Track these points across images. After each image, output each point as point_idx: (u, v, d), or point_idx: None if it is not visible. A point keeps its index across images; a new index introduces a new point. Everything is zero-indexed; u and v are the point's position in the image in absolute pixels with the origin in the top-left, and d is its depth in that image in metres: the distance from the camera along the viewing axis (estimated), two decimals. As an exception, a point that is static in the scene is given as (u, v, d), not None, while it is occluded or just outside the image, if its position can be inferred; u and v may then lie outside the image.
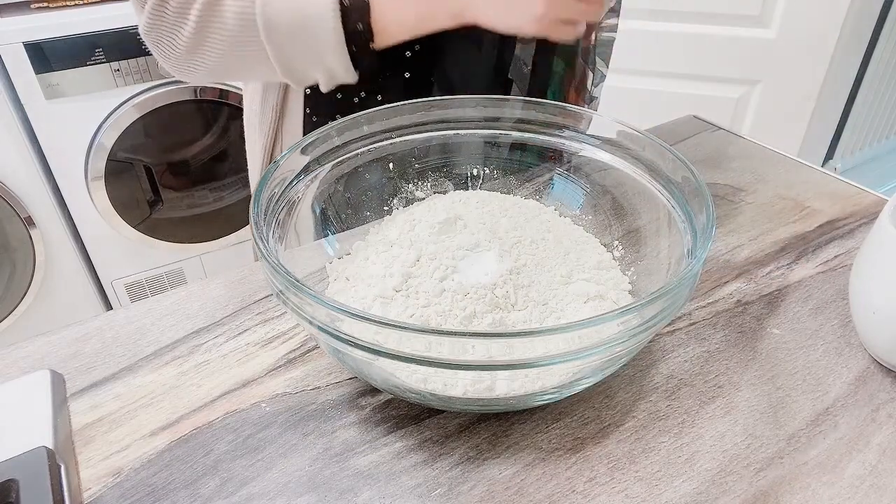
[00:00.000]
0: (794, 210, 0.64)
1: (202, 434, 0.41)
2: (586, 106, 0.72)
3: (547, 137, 0.55)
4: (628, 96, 1.63)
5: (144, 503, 0.37)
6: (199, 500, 0.37)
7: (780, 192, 0.67)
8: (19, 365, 0.47)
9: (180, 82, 1.45)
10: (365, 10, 0.54)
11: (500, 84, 0.69)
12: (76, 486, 0.38)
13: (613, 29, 0.72)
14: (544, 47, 0.67)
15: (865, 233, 0.56)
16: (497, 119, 0.55)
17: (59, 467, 0.37)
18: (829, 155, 1.87)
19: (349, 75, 0.57)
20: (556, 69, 0.71)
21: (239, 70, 0.60)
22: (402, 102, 0.53)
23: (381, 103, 0.67)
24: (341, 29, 0.53)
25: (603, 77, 0.73)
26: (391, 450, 0.40)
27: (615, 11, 0.71)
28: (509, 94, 0.69)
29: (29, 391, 0.43)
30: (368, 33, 0.55)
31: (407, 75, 0.66)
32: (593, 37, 0.70)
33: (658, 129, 0.80)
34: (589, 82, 0.73)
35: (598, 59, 0.72)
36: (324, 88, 0.60)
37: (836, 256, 0.57)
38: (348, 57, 0.55)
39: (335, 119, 0.68)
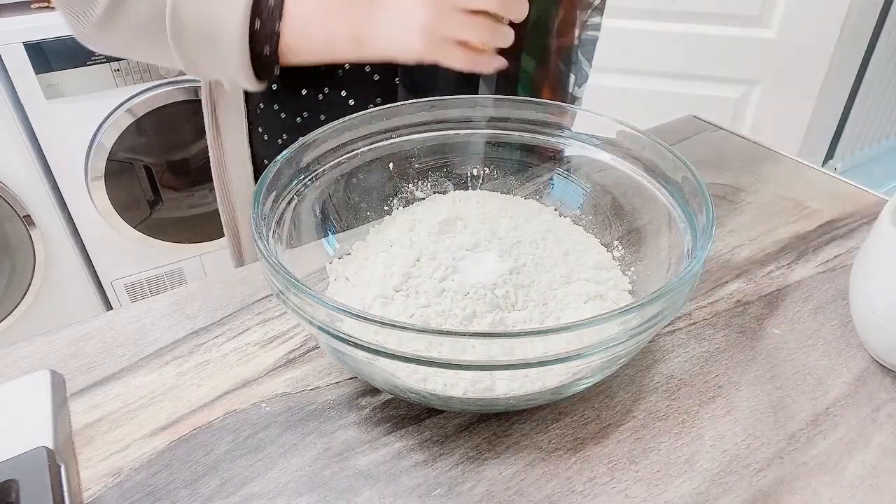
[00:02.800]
0: (794, 210, 0.64)
1: (202, 434, 0.41)
2: None
3: (547, 137, 0.55)
4: (628, 96, 1.63)
5: (144, 503, 0.37)
6: (199, 500, 0.37)
7: (780, 192, 0.67)
8: (19, 365, 0.47)
9: (180, 82, 1.45)
10: (274, 38, 0.52)
11: (467, 84, 0.67)
12: (76, 486, 0.38)
13: (597, 28, 0.70)
14: (509, 47, 0.64)
15: (865, 233, 0.56)
16: (497, 119, 0.55)
17: (59, 467, 0.37)
18: (829, 155, 1.87)
19: (253, 87, 0.56)
20: (526, 67, 0.69)
21: (147, 56, 0.60)
22: (401, 102, 0.53)
23: (348, 103, 0.66)
24: (248, 52, 0.52)
25: (586, 77, 0.72)
26: (391, 450, 0.40)
27: (599, 10, 0.69)
28: (477, 95, 0.67)
29: (29, 391, 0.43)
30: (274, 56, 0.53)
31: (376, 77, 0.65)
32: (576, 36, 0.69)
33: (658, 129, 0.80)
34: (571, 82, 0.71)
35: (581, 57, 0.71)
36: (228, 87, 0.62)
37: (836, 256, 0.57)
38: (253, 75, 0.54)
39: (282, 137, 0.68)
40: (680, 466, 0.39)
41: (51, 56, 1.30)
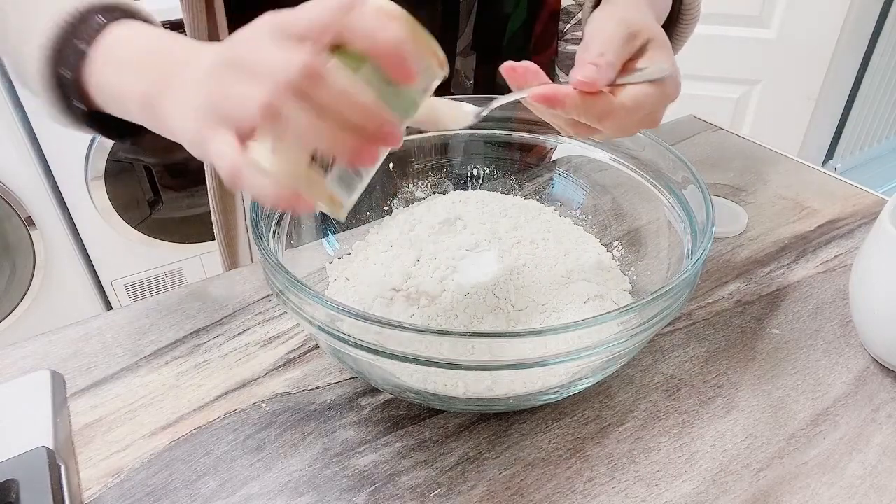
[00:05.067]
0: (794, 210, 0.64)
1: (202, 434, 0.41)
2: None
3: (547, 137, 0.55)
4: (628, 96, 1.63)
5: (144, 503, 0.37)
6: (199, 500, 0.37)
7: (780, 192, 0.67)
8: (19, 365, 0.47)
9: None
10: (75, 65, 0.37)
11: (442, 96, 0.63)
12: (76, 486, 0.38)
13: (579, 42, 0.69)
14: (484, 60, 0.63)
15: (865, 233, 0.56)
16: (497, 119, 0.55)
17: (59, 467, 0.37)
18: (829, 155, 1.87)
19: (64, 122, 0.42)
20: (501, 83, 0.65)
21: None
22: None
23: None
24: (46, 71, 0.38)
25: None
26: (391, 450, 0.40)
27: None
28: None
29: (29, 391, 0.43)
30: (78, 95, 0.39)
31: None
32: (555, 49, 0.67)
33: (658, 129, 0.80)
34: None
35: (561, 73, 0.69)
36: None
37: (836, 256, 0.57)
38: (54, 100, 0.39)
39: None
40: (680, 466, 0.39)
41: (51, 56, 1.30)
